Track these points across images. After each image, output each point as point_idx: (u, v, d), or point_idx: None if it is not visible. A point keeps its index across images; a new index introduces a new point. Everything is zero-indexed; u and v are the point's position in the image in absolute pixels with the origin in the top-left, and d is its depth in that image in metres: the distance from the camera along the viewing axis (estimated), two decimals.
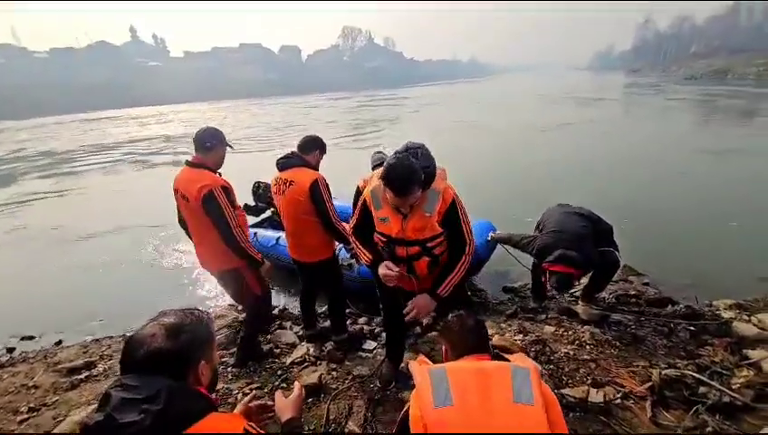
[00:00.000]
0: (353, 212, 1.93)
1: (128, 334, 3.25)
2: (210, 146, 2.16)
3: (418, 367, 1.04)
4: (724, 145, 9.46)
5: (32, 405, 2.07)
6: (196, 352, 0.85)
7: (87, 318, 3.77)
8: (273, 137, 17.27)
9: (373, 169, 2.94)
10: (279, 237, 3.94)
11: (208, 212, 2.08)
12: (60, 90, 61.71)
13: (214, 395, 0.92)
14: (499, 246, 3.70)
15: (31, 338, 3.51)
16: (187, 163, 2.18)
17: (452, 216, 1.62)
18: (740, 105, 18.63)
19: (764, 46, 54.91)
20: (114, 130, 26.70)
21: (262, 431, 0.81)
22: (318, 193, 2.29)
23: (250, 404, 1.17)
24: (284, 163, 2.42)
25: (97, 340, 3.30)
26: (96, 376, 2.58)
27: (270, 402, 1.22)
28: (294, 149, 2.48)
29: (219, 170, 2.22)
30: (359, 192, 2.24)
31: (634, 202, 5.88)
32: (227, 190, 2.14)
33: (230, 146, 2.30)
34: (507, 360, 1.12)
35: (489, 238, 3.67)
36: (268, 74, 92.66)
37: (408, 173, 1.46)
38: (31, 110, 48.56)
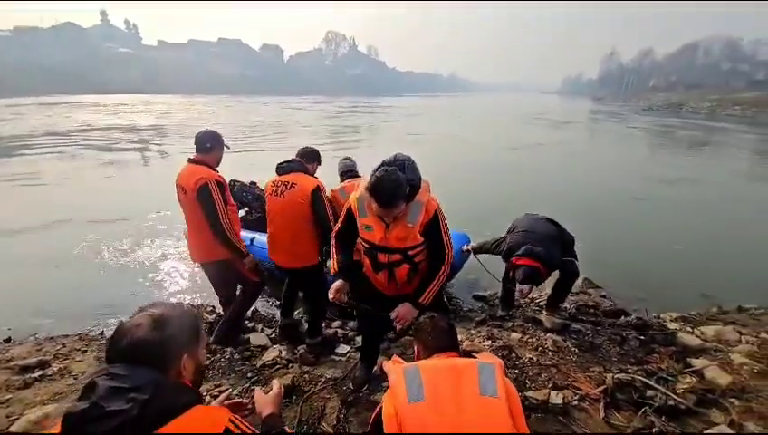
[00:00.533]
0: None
1: (82, 333, 3.15)
2: (210, 147, 2.36)
3: (393, 366, 1.11)
4: (674, 174, 10.30)
5: None
6: (180, 345, 0.85)
7: (36, 315, 3.55)
8: (254, 137, 16.93)
9: (341, 175, 3.01)
10: (254, 238, 3.89)
11: (201, 202, 2.24)
12: (20, 70, 57.49)
13: None
14: (472, 256, 3.85)
15: None
16: (189, 160, 2.37)
17: (434, 227, 1.69)
18: (692, 136, 20.29)
19: (718, 83, 60.28)
20: (75, 116, 25.21)
21: (247, 423, 0.82)
22: (319, 198, 2.38)
23: (225, 402, 1.17)
24: (286, 167, 2.47)
25: (51, 338, 3.11)
26: (51, 376, 2.44)
27: (245, 400, 1.23)
28: (294, 156, 2.59)
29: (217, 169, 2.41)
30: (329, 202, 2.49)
31: (594, 222, 6.29)
32: (221, 185, 2.32)
33: (227, 146, 2.48)
34: (475, 357, 1.21)
35: (464, 250, 3.82)
36: (247, 71, 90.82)
37: (395, 187, 1.52)
38: None
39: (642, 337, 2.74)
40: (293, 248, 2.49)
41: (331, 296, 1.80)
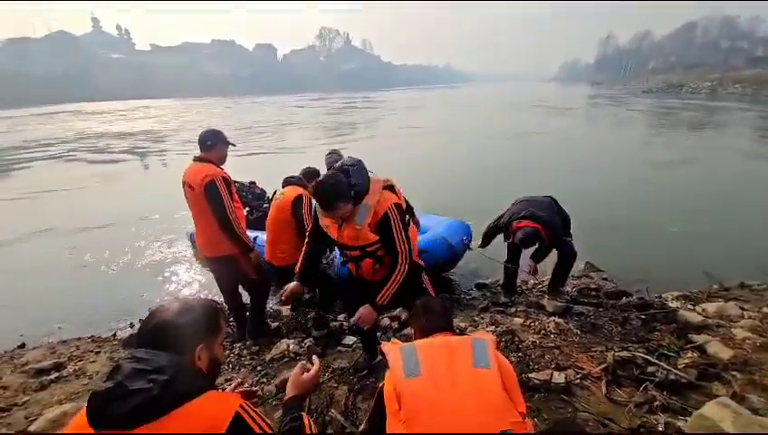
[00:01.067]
0: None
1: (95, 335, 3.22)
2: (211, 144, 2.43)
3: (390, 346, 1.14)
4: (675, 155, 10.26)
5: (1, 405, 2.00)
6: (197, 334, 0.90)
7: (47, 320, 3.61)
8: (255, 138, 16.93)
9: (328, 169, 3.07)
10: (256, 237, 3.93)
11: (209, 198, 2.32)
12: (14, 81, 57.41)
13: None
14: (473, 246, 3.88)
15: None
16: (195, 159, 2.45)
17: (384, 228, 1.71)
18: (692, 117, 20.14)
19: (718, 61, 59.60)
20: (73, 125, 25.26)
21: (257, 410, 0.85)
22: (299, 205, 2.74)
23: (236, 390, 1.21)
24: (285, 181, 2.97)
25: (64, 341, 3.18)
26: (66, 377, 2.51)
27: (254, 388, 1.28)
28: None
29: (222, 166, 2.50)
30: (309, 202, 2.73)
31: (595, 205, 6.29)
32: (227, 181, 2.40)
33: (232, 144, 2.56)
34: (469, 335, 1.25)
35: (465, 242, 3.85)
36: (242, 72, 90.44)
37: (333, 191, 1.60)
38: None
39: (643, 316, 2.78)
40: (275, 248, 2.85)
41: (283, 297, 1.88)
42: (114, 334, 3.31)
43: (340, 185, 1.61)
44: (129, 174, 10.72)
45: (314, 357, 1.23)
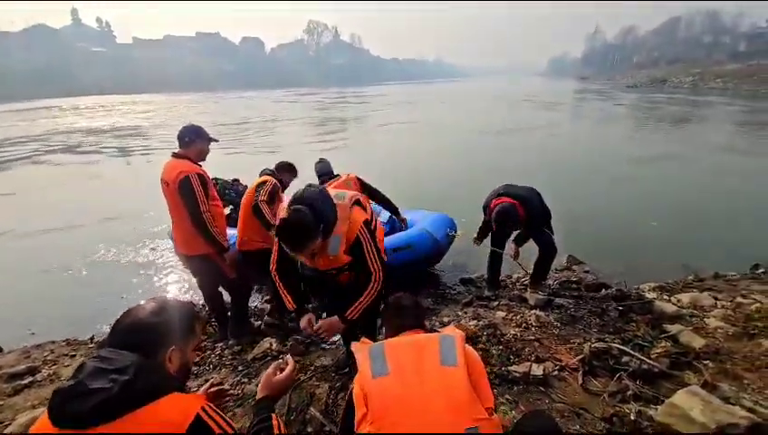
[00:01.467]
0: None
1: (70, 338, 3.14)
2: (189, 141, 2.39)
3: (360, 346, 1.14)
4: (655, 150, 10.49)
5: None
6: (170, 335, 0.91)
7: (24, 324, 3.52)
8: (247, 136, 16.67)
9: (319, 178, 3.07)
10: None
11: (182, 195, 2.28)
12: None
13: None
14: (456, 240, 3.91)
15: None
16: (173, 155, 2.42)
17: (357, 250, 1.65)
18: (673, 112, 20.55)
19: (700, 57, 60.75)
20: (49, 121, 24.52)
21: (219, 412, 0.84)
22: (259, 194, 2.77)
23: (208, 390, 1.21)
24: (261, 174, 2.98)
25: (38, 345, 3.10)
26: (40, 381, 2.45)
27: (226, 387, 1.27)
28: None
29: (200, 163, 2.46)
30: None
31: (578, 199, 6.40)
32: (203, 178, 2.35)
33: (214, 140, 2.52)
34: (439, 332, 1.25)
35: (449, 234, 3.87)
36: (228, 66, 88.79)
37: (300, 232, 1.45)
38: None
39: (621, 308, 2.83)
40: (242, 234, 2.84)
41: (306, 332, 1.75)
42: (92, 338, 3.24)
43: (307, 223, 1.45)
44: (110, 171, 10.47)
45: (288, 357, 1.21)
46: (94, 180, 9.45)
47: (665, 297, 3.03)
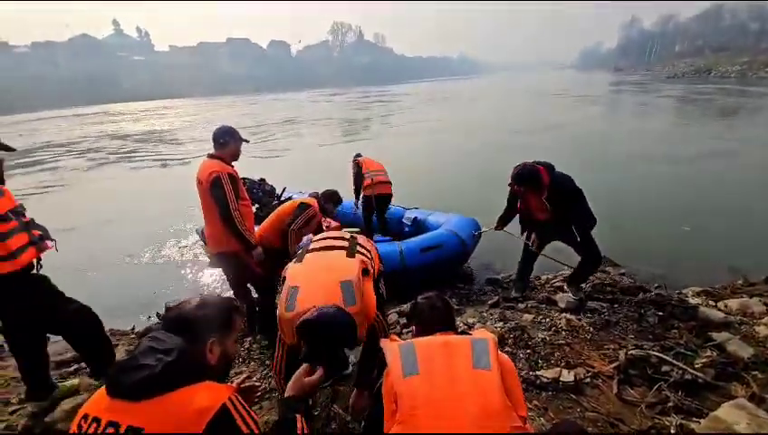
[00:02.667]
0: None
1: (113, 329, 3.33)
2: (224, 142, 2.46)
3: (389, 344, 1.12)
4: (701, 148, 9.75)
5: (22, 397, 2.10)
6: (209, 328, 0.98)
7: None
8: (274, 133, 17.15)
9: (326, 205, 3.10)
10: None
11: (213, 194, 2.35)
12: (39, 85, 59.75)
13: None
14: (485, 238, 3.82)
15: None
16: (208, 156, 2.49)
17: (371, 334, 1.48)
18: (721, 103, 19.16)
19: (747, 45, 56.34)
20: (96, 127, 26.17)
21: (245, 405, 0.88)
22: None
23: (242, 385, 1.25)
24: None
25: None
26: (85, 368, 2.61)
27: (257, 383, 1.30)
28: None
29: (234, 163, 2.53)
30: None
31: (615, 199, 6.05)
32: (234, 178, 2.42)
33: (245, 140, 2.58)
34: (470, 334, 1.21)
35: (475, 235, 3.81)
36: (257, 70, 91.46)
37: (339, 342, 1.24)
38: (6, 107, 46.76)
39: (661, 313, 2.66)
40: (260, 233, 2.91)
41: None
42: (133, 328, 3.43)
43: (345, 332, 1.22)
44: (150, 172, 11.06)
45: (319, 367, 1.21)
46: (141, 181, 10.00)
47: (711, 303, 2.83)
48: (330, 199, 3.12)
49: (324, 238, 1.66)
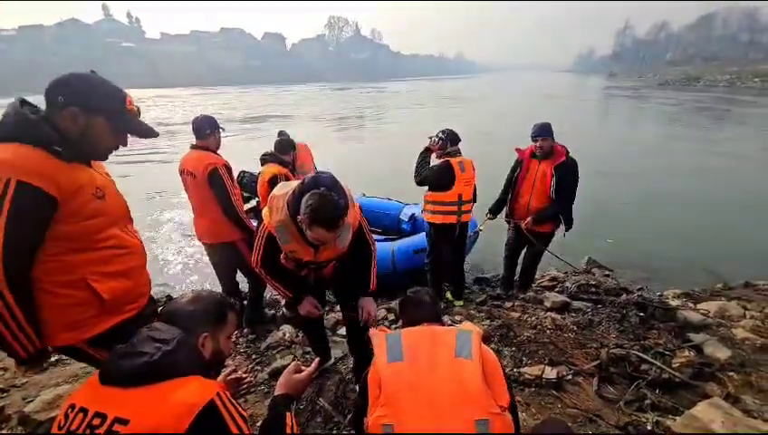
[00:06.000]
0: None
1: None
2: (210, 132, 2.45)
3: (378, 333, 1.16)
4: (692, 155, 9.99)
5: (1, 386, 2.07)
6: (202, 323, 0.98)
7: None
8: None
9: (278, 152, 3.08)
10: None
11: (213, 186, 2.36)
12: (26, 69, 58.06)
13: None
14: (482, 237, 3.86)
15: None
16: (193, 146, 2.46)
17: (359, 234, 1.67)
18: (708, 111, 19.59)
19: (737, 55, 57.60)
20: None
21: (233, 401, 0.87)
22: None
23: (227, 378, 1.24)
24: (262, 159, 3.00)
25: None
26: (65, 359, 2.56)
27: (244, 375, 1.30)
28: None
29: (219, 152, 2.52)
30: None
31: (603, 202, 6.18)
32: (229, 169, 2.44)
33: (222, 129, 2.57)
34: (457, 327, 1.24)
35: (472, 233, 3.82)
36: (250, 61, 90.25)
37: (339, 208, 1.35)
38: None
39: (642, 314, 2.72)
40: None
41: (306, 313, 1.75)
42: None
43: (340, 199, 1.36)
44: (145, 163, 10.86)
45: (317, 360, 1.28)
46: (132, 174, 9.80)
47: (690, 305, 2.90)
48: (282, 151, 3.05)
49: None
